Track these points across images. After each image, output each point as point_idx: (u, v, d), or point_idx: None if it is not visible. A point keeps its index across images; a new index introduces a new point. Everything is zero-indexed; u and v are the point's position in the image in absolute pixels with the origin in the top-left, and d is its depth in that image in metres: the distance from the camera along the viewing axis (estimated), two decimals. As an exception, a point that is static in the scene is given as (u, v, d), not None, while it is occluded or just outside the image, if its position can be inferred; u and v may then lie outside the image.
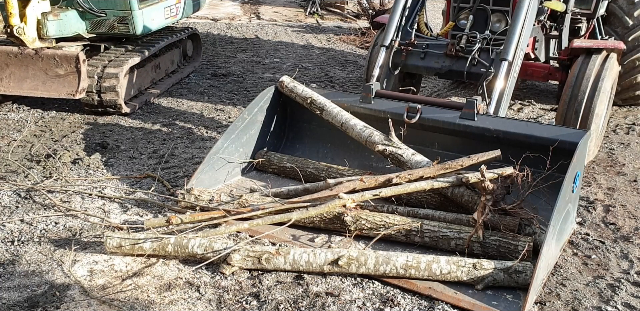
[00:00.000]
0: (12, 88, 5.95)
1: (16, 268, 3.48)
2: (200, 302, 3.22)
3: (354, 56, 9.75)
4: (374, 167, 4.64)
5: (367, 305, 3.21)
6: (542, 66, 6.45)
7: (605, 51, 5.39)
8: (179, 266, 3.54)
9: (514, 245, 3.51)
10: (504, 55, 4.57)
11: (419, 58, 5.06)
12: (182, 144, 5.60)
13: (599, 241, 3.98)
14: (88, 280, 3.37)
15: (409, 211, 3.95)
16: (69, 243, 3.73)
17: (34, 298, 3.20)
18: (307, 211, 3.73)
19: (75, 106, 6.47)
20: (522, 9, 4.64)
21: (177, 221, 3.74)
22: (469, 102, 4.29)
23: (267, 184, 4.60)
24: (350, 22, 13.13)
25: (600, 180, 4.98)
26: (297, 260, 3.42)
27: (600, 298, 3.36)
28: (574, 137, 3.89)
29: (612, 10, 6.66)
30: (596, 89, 5.10)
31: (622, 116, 6.77)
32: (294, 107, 4.97)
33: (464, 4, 5.25)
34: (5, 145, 5.39)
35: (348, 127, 4.48)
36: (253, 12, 14.20)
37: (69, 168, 4.88)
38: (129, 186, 4.64)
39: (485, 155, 3.91)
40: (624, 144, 5.85)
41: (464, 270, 3.32)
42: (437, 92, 7.66)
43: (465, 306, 3.19)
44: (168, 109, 6.66)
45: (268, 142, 5.02)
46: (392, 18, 5.10)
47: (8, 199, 4.33)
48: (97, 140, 5.58)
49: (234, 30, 11.58)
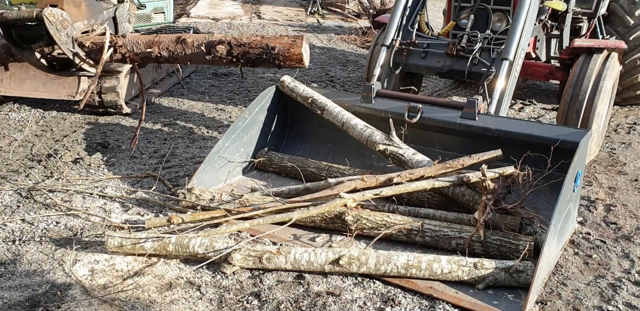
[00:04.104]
0: (12, 89, 5.96)
1: (17, 267, 3.48)
2: (201, 302, 3.22)
3: (355, 56, 9.75)
4: (374, 166, 4.64)
5: (368, 305, 3.21)
6: (543, 65, 6.45)
7: (606, 50, 5.38)
8: (180, 265, 3.54)
9: (515, 245, 3.51)
10: (505, 54, 4.56)
11: (420, 57, 5.06)
12: (183, 143, 5.60)
13: (600, 240, 3.98)
14: (89, 280, 3.37)
15: (409, 211, 3.95)
16: (70, 242, 3.73)
17: (35, 298, 3.20)
18: (308, 211, 3.73)
19: (76, 105, 6.47)
20: (523, 9, 4.63)
21: (178, 221, 3.74)
22: (470, 101, 4.29)
23: (268, 184, 4.60)
24: (351, 21, 13.13)
25: (601, 179, 4.98)
26: (298, 260, 3.42)
27: (601, 297, 3.35)
28: (575, 136, 3.89)
29: (613, 10, 6.65)
30: (597, 89, 5.09)
31: (623, 116, 6.77)
32: (295, 106, 4.96)
33: (465, 4, 5.25)
34: (7, 145, 5.39)
35: (349, 127, 4.48)
36: (254, 11, 14.21)
37: (70, 168, 4.88)
38: (130, 185, 4.65)
39: (486, 155, 3.91)
40: (625, 144, 5.84)
41: (465, 269, 3.32)
42: (438, 92, 7.66)
43: (466, 306, 3.19)
44: (169, 109, 6.66)
45: (269, 142, 5.02)
46: (393, 17, 5.10)
47: (9, 198, 4.33)
48: (98, 140, 5.58)
49: (235, 30, 11.58)
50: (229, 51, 3.16)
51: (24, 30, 3.22)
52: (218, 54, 3.19)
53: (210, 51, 3.20)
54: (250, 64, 3.20)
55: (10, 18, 3.16)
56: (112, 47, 3.26)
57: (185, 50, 3.25)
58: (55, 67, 3.47)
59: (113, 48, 3.28)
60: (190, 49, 3.24)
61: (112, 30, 5.14)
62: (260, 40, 3.15)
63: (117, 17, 5.40)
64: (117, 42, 3.30)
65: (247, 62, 3.18)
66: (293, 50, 3.08)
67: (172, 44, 3.26)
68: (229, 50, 3.16)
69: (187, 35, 3.23)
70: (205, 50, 3.21)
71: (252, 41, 3.15)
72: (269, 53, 3.12)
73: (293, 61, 3.13)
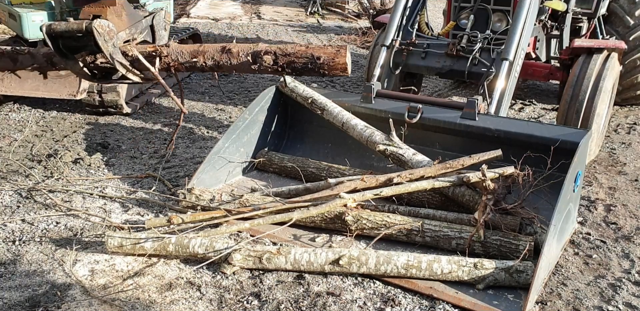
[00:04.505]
0: (13, 88, 5.95)
1: (17, 267, 3.48)
2: (201, 302, 3.22)
3: (355, 56, 9.75)
4: (374, 167, 4.64)
5: (368, 305, 3.21)
6: (543, 65, 6.45)
7: (606, 51, 5.39)
8: (180, 266, 3.54)
9: (515, 245, 3.51)
10: (504, 54, 4.56)
11: (420, 58, 5.06)
12: (183, 144, 5.60)
13: (600, 240, 3.98)
14: (89, 280, 3.37)
15: (409, 211, 3.95)
16: (70, 242, 3.73)
17: (35, 298, 3.20)
18: (308, 211, 3.73)
19: (76, 106, 6.47)
20: (523, 9, 4.63)
21: (178, 221, 3.74)
22: (470, 101, 4.29)
23: (268, 184, 4.60)
24: (351, 21, 13.13)
25: (601, 180, 4.98)
26: (298, 260, 3.42)
27: (601, 297, 3.35)
28: (575, 136, 3.89)
29: (613, 10, 6.65)
30: (597, 89, 5.09)
31: (623, 116, 6.77)
32: (295, 107, 4.96)
33: (465, 4, 5.25)
34: (7, 145, 5.40)
35: (349, 127, 4.48)
36: (254, 11, 14.21)
37: (70, 168, 4.88)
38: (130, 185, 4.65)
39: (486, 155, 3.91)
40: (625, 144, 5.84)
41: (465, 269, 3.32)
42: (438, 92, 7.66)
43: (467, 306, 3.19)
44: (169, 109, 6.66)
45: (269, 142, 5.02)
46: (393, 18, 5.10)
47: (9, 199, 4.33)
48: (98, 140, 5.58)
49: (234, 30, 11.59)
50: (275, 61, 3.21)
51: (71, 41, 3.27)
52: (265, 64, 3.23)
53: (256, 61, 3.24)
54: (296, 73, 3.25)
55: (59, 30, 3.21)
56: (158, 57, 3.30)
57: (231, 60, 3.29)
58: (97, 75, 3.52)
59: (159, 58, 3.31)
60: (235, 59, 3.28)
61: (149, 38, 5.23)
62: (305, 50, 3.20)
63: (155, 25, 5.51)
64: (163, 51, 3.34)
65: (293, 71, 3.23)
66: (337, 60, 3.12)
67: (217, 53, 3.30)
68: (274, 60, 3.21)
69: (232, 45, 3.27)
70: (251, 60, 3.25)
71: (297, 51, 3.19)
72: (315, 62, 3.17)
73: (337, 70, 3.18)
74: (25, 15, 6.64)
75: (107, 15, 3.91)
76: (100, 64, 3.45)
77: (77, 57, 3.43)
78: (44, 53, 3.67)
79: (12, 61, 3.75)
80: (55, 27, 3.21)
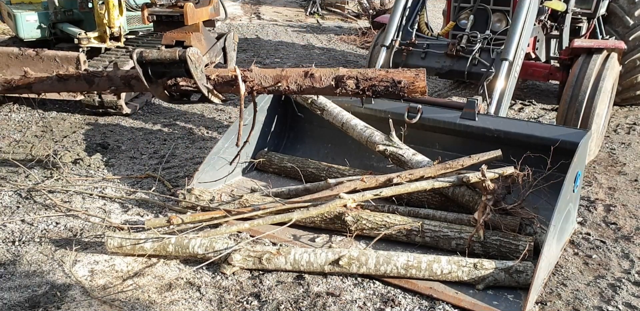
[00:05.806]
0: None
1: (17, 268, 3.48)
2: (201, 302, 3.22)
3: (355, 56, 9.75)
4: (374, 167, 4.64)
5: (367, 305, 3.21)
6: (543, 65, 6.45)
7: (606, 51, 5.38)
8: (180, 266, 3.54)
9: (515, 245, 3.51)
10: (504, 55, 4.56)
11: (420, 58, 5.06)
12: (182, 144, 5.60)
13: (599, 240, 3.98)
14: (89, 280, 3.37)
15: (409, 211, 3.95)
16: (70, 243, 3.73)
17: (35, 298, 3.20)
18: (307, 211, 3.73)
19: (76, 106, 6.47)
20: (523, 9, 4.63)
21: (178, 221, 3.74)
22: (470, 102, 4.29)
23: (268, 184, 4.60)
24: (350, 22, 13.13)
25: (601, 180, 4.98)
26: (297, 260, 3.42)
27: (601, 297, 3.35)
28: (575, 137, 3.89)
29: (612, 10, 6.66)
30: (597, 89, 5.09)
31: (622, 116, 6.77)
32: (295, 107, 4.96)
33: (465, 4, 5.25)
34: (7, 145, 5.40)
35: (349, 127, 4.48)
36: (253, 12, 14.22)
37: (69, 168, 4.88)
38: (130, 186, 4.65)
39: (486, 155, 3.91)
40: (624, 144, 5.84)
41: (464, 269, 3.32)
42: (437, 92, 7.66)
43: (466, 306, 3.19)
44: (169, 110, 6.66)
45: (269, 143, 5.02)
46: (393, 18, 5.11)
47: (9, 199, 4.33)
48: (97, 140, 5.58)
49: (234, 30, 11.57)
50: (357, 85, 3.28)
51: (160, 67, 3.35)
52: (348, 88, 3.30)
53: (339, 85, 3.31)
54: (375, 96, 3.32)
55: (151, 58, 3.30)
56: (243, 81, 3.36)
57: (314, 84, 3.38)
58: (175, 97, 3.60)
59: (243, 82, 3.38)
60: (318, 83, 3.37)
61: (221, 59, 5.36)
62: (385, 74, 3.29)
63: (227, 47, 5.63)
64: (247, 76, 3.39)
65: (373, 94, 3.31)
66: (417, 84, 3.22)
67: (300, 78, 3.38)
68: (356, 84, 3.28)
69: (314, 70, 3.35)
70: (334, 84, 3.31)
71: (378, 75, 3.28)
72: (395, 86, 3.24)
73: (417, 93, 3.26)
74: (19, 15, 6.64)
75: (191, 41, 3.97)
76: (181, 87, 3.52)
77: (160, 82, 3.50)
78: (121, 76, 3.73)
79: (88, 83, 3.81)
80: (147, 55, 3.30)
